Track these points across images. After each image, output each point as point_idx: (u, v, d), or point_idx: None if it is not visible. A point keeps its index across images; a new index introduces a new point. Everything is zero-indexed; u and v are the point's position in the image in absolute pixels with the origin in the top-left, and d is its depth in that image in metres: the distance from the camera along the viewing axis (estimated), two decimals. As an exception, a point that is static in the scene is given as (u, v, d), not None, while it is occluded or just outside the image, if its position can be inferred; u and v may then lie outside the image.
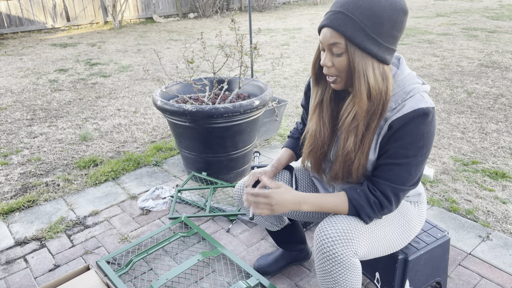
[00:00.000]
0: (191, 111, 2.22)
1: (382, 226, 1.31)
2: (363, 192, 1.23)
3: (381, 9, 1.08)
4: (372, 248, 1.28)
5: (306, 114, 1.59)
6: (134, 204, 2.40)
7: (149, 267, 1.88)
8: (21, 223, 2.24)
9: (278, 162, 1.55)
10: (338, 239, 1.19)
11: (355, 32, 1.09)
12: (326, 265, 1.21)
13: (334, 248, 1.19)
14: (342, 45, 1.12)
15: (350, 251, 1.19)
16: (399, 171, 1.19)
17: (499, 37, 7.12)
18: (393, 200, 1.22)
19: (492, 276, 1.76)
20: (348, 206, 1.24)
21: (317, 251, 1.23)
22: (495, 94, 4.20)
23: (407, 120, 1.14)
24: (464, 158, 2.85)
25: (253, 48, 2.62)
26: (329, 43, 1.13)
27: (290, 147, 1.60)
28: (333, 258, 1.19)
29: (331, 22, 1.12)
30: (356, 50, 1.11)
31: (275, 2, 13.40)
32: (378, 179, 1.22)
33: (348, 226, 1.22)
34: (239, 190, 1.61)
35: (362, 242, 1.23)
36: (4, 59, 6.53)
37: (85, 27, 9.77)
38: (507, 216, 2.18)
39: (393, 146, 1.18)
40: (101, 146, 3.22)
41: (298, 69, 5.42)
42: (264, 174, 1.48)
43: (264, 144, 3.18)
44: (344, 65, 1.15)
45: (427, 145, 1.17)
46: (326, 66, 1.17)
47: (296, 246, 1.80)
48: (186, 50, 6.85)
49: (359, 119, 1.17)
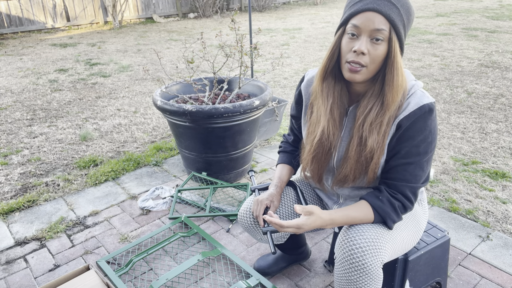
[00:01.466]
0: (191, 111, 2.22)
1: (400, 229, 1.29)
2: (386, 198, 1.20)
3: (411, 7, 1.13)
4: (393, 253, 1.26)
5: (296, 124, 1.51)
6: (134, 204, 2.40)
7: (149, 267, 1.88)
8: (21, 223, 2.24)
9: (280, 180, 1.47)
10: (367, 248, 1.16)
11: (399, 22, 1.09)
12: (352, 274, 1.18)
13: (364, 258, 1.15)
14: (386, 32, 1.08)
15: (378, 261, 1.16)
16: (414, 169, 1.18)
17: (499, 37, 7.11)
18: (413, 200, 1.22)
19: (492, 276, 1.76)
20: (374, 215, 1.21)
21: (344, 260, 1.19)
22: (495, 94, 4.20)
23: (415, 118, 1.13)
24: (464, 158, 2.85)
25: (253, 48, 2.62)
26: (374, 27, 1.08)
27: (286, 162, 1.52)
28: (361, 268, 1.16)
29: (379, 6, 1.07)
30: (396, 40, 1.10)
31: (275, 2, 13.40)
32: (395, 182, 1.20)
33: (376, 235, 1.19)
34: (245, 217, 1.50)
35: (388, 249, 1.20)
36: (4, 59, 6.53)
37: (85, 27, 9.77)
38: (507, 216, 2.18)
39: (405, 145, 1.16)
40: (101, 146, 3.22)
41: (298, 69, 5.42)
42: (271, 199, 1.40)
43: (264, 144, 3.18)
44: (381, 54, 1.10)
45: (434, 139, 1.18)
46: (362, 53, 1.09)
47: (296, 250, 1.80)
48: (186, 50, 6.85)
49: (387, 114, 1.14)
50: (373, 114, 1.15)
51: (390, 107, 1.13)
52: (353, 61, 1.11)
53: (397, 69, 1.10)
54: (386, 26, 1.08)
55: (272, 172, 2.73)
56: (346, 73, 1.14)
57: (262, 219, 1.35)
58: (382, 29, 1.07)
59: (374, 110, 1.15)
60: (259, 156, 2.98)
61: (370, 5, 1.08)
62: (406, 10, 1.10)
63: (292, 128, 1.55)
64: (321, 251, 1.94)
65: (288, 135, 1.59)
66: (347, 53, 1.13)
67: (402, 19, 1.09)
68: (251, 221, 1.48)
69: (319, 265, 1.85)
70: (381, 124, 1.15)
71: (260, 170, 2.76)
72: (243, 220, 1.51)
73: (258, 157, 2.95)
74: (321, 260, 1.89)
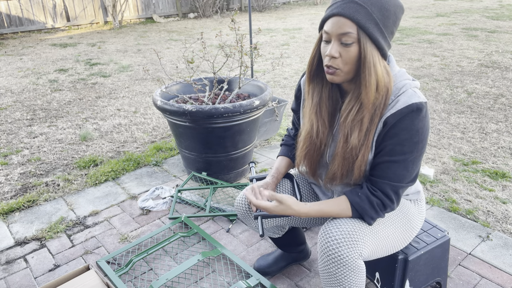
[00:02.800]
0: (191, 111, 2.22)
1: (385, 226, 1.30)
2: (365, 195, 1.22)
3: (388, 3, 1.10)
4: (376, 248, 1.27)
5: (297, 118, 1.54)
6: (134, 204, 2.40)
7: (149, 267, 1.88)
8: (21, 223, 2.24)
9: (277, 171, 1.51)
10: (343, 240, 1.18)
11: (367, 22, 1.09)
12: (331, 267, 1.20)
13: (339, 250, 1.18)
14: (354, 35, 1.09)
15: (355, 253, 1.18)
16: (397, 168, 1.19)
17: (499, 37, 7.12)
18: (394, 198, 1.22)
19: (492, 276, 1.76)
20: (351, 211, 1.23)
21: (322, 253, 1.22)
22: (495, 94, 4.20)
23: (401, 116, 1.14)
24: (464, 158, 2.85)
25: (253, 48, 2.62)
26: (340, 32, 1.10)
27: (286, 154, 1.56)
28: (338, 260, 1.18)
29: (343, 10, 1.09)
30: (367, 40, 1.10)
31: (275, 2, 13.40)
32: (377, 179, 1.22)
33: (353, 228, 1.21)
34: (241, 204, 1.55)
35: (366, 243, 1.22)
36: (4, 59, 6.53)
37: (85, 27, 9.77)
38: (507, 216, 2.18)
39: (389, 143, 1.17)
40: (101, 146, 3.22)
41: (298, 69, 5.42)
42: (266, 187, 1.45)
43: (264, 144, 3.18)
44: (353, 56, 1.12)
45: (422, 140, 1.17)
46: (333, 57, 1.13)
47: (296, 248, 1.80)
48: (186, 50, 6.85)
49: (365, 112, 1.16)
50: (353, 112, 1.18)
51: (367, 106, 1.15)
52: (327, 65, 1.16)
53: (369, 68, 1.11)
54: (352, 29, 1.09)
55: (272, 172, 2.73)
56: (327, 76, 1.19)
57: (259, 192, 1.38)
58: (348, 32, 1.10)
59: (354, 108, 1.18)
60: (259, 156, 2.98)
61: (335, 10, 1.11)
62: (379, 7, 1.09)
63: (294, 122, 1.59)
64: (321, 251, 1.94)
65: (291, 129, 1.63)
66: (324, 57, 1.18)
67: (373, 18, 1.09)
68: (246, 207, 1.53)
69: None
70: (361, 122, 1.17)
71: (260, 170, 2.76)
72: (238, 207, 1.56)
73: (258, 157, 2.95)
74: (321, 260, 1.89)
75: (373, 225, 1.27)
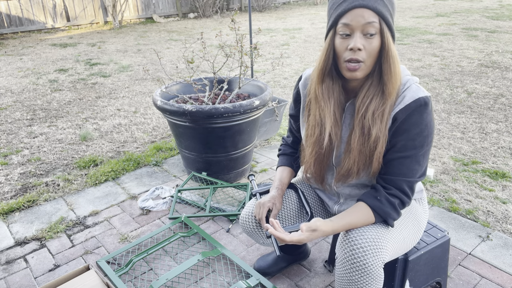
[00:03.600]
0: (191, 111, 2.22)
1: (401, 228, 1.29)
2: (384, 198, 1.20)
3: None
4: (394, 252, 1.26)
5: (295, 124, 1.50)
6: (134, 204, 2.40)
7: (149, 267, 1.88)
8: (21, 223, 2.24)
9: (281, 183, 1.47)
10: (369, 249, 1.16)
11: (386, 13, 1.11)
12: (353, 275, 1.18)
13: (365, 259, 1.16)
14: (377, 24, 1.10)
15: (380, 261, 1.17)
16: (410, 163, 1.18)
17: (499, 37, 7.11)
18: (410, 194, 1.22)
19: (492, 276, 1.76)
20: (374, 217, 1.21)
21: (345, 261, 1.19)
22: (495, 94, 4.20)
23: (410, 111, 1.14)
24: (464, 158, 2.85)
25: (253, 48, 2.62)
26: (365, 22, 1.10)
27: (286, 164, 1.52)
28: (363, 268, 1.16)
29: (365, 1, 1.10)
30: (387, 31, 1.12)
31: (275, 2, 13.39)
32: (391, 176, 1.20)
33: (377, 235, 1.19)
34: (247, 221, 1.50)
35: (389, 249, 1.21)
36: (4, 59, 6.53)
37: (85, 27, 9.77)
38: (507, 216, 2.18)
39: (400, 139, 1.17)
40: (101, 146, 3.22)
41: (298, 69, 5.42)
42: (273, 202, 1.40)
43: (264, 144, 3.18)
44: (376, 47, 1.12)
45: (431, 133, 1.18)
46: (359, 49, 1.11)
47: (296, 250, 1.80)
48: (186, 50, 6.85)
49: (387, 103, 1.16)
50: (375, 103, 1.17)
51: (392, 94, 1.15)
52: (351, 59, 1.12)
53: (393, 57, 1.13)
54: (376, 18, 1.10)
55: (272, 172, 2.73)
56: (347, 73, 1.15)
57: (265, 221, 1.36)
58: (373, 21, 1.10)
59: (375, 100, 1.17)
60: (259, 156, 2.98)
61: (356, 2, 1.10)
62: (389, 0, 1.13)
63: (291, 129, 1.54)
64: (321, 251, 1.94)
65: (288, 137, 1.58)
66: (343, 52, 1.14)
67: (388, 9, 1.12)
68: (254, 225, 1.48)
69: (319, 265, 1.86)
70: (383, 113, 1.17)
71: (260, 170, 2.76)
72: (245, 224, 1.50)
73: (258, 157, 2.95)
74: (321, 260, 1.89)
75: (393, 230, 1.25)
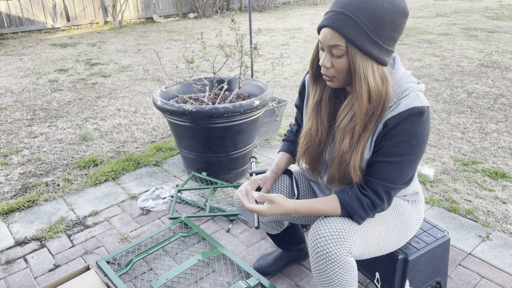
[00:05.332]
0: (191, 111, 2.22)
1: (378, 225, 1.30)
2: (355, 194, 1.22)
3: (384, 11, 1.06)
4: (367, 247, 1.27)
5: (300, 114, 1.56)
6: (134, 204, 2.40)
7: (149, 267, 1.88)
8: (21, 223, 2.24)
9: (277, 167, 1.53)
10: (331, 238, 1.20)
11: (356, 35, 1.07)
12: (320, 264, 1.22)
13: (328, 247, 1.19)
14: (343, 47, 1.09)
15: (344, 250, 1.19)
16: (392, 169, 1.18)
17: (499, 37, 7.12)
18: (385, 199, 1.22)
19: (492, 276, 1.76)
20: (341, 210, 1.24)
21: (312, 251, 1.24)
22: (495, 94, 4.20)
23: (402, 119, 1.13)
24: (464, 158, 2.85)
25: (253, 48, 2.62)
26: (329, 44, 1.11)
27: (286, 150, 1.58)
28: (327, 257, 1.20)
29: (332, 23, 1.09)
30: (357, 52, 1.09)
31: (275, 2, 13.40)
32: (370, 178, 1.22)
33: (342, 226, 1.22)
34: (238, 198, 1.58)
35: (356, 241, 1.23)
36: (4, 59, 6.53)
37: (85, 27, 9.77)
38: (507, 216, 2.18)
39: (387, 144, 1.17)
40: (101, 146, 3.22)
41: (298, 69, 5.42)
42: (265, 181, 1.47)
43: (264, 144, 3.18)
44: (344, 67, 1.13)
45: (420, 144, 1.17)
46: (325, 67, 1.16)
47: (295, 246, 1.80)
48: (186, 50, 6.85)
49: (357, 121, 1.17)
50: (346, 120, 1.19)
51: (360, 115, 1.15)
52: (324, 73, 1.18)
53: (360, 80, 1.11)
54: (341, 41, 1.09)
55: (272, 172, 2.74)
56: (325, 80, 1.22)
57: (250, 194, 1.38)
58: (337, 45, 1.10)
59: (348, 116, 1.19)
60: (259, 156, 2.98)
61: (325, 22, 1.11)
62: (371, 18, 1.06)
63: (297, 118, 1.60)
64: (321, 251, 1.94)
65: (294, 124, 1.63)
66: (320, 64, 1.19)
67: (363, 30, 1.07)
68: None
69: (319, 265, 1.86)
70: (353, 130, 1.18)
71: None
72: (237, 200, 1.58)
73: (258, 157, 2.95)
74: (321, 260, 1.89)
75: (364, 224, 1.27)
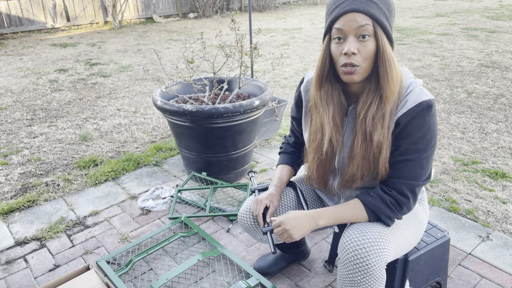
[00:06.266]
0: (191, 111, 2.22)
1: (403, 228, 1.29)
2: (377, 194, 1.20)
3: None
4: (396, 252, 1.25)
5: (297, 125, 1.51)
6: (134, 204, 2.40)
7: (149, 267, 1.88)
8: (21, 223, 2.24)
9: (280, 181, 1.47)
10: (371, 249, 1.15)
11: (380, 16, 1.11)
12: (356, 275, 1.17)
13: (368, 259, 1.15)
14: (370, 27, 1.10)
15: (383, 261, 1.16)
16: (412, 167, 1.18)
17: (499, 37, 7.11)
18: (411, 197, 1.20)
19: (492, 276, 1.76)
20: (366, 212, 1.21)
21: (348, 262, 1.18)
22: (495, 94, 4.20)
23: (413, 114, 1.14)
24: (464, 158, 2.85)
25: (253, 48, 2.62)
26: (357, 25, 1.10)
27: (286, 163, 1.52)
28: (365, 269, 1.15)
29: (356, 6, 1.10)
30: (382, 33, 1.11)
31: (275, 2, 13.39)
32: (392, 179, 1.20)
33: (379, 234, 1.18)
34: (245, 217, 1.50)
35: (391, 249, 1.20)
36: (4, 59, 6.53)
37: (85, 27, 9.77)
38: (507, 216, 2.18)
39: (403, 142, 1.17)
40: (101, 146, 3.22)
41: (298, 69, 5.42)
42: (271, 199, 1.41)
43: (264, 144, 3.18)
44: (371, 50, 1.11)
45: (434, 137, 1.17)
46: (352, 53, 1.11)
47: (297, 249, 1.80)
48: (186, 50, 6.85)
49: (387, 106, 1.14)
50: (374, 108, 1.16)
51: (389, 98, 1.14)
52: (346, 63, 1.12)
53: (389, 60, 1.12)
54: (369, 21, 1.10)
55: (272, 172, 2.74)
56: (344, 77, 1.15)
57: (261, 218, 1.36)
58: (366, 24, 1.10)
59: (374, 104, 1.16)
60: (259, 156, 2.98)
61: (348, 7, 1.11)
62: (385, 3, 1.12)
63: (293, 130, 1.55)
64: (321, 251, 1.94)
65: (289, 136, 1.59)
66: (338, 57, 1.15)
67: (383, 12, 1.11)
68: (251, 221, 1.48)
69: (319, 265, 1.86)
70: (383, 117, 1.15)
71: (260, 170, 2.76)
72: (243, 220, 1.51)
73: (258, 157, 2.95)
74: (321, 260, 1.89)
75: (394, 229, 1.24)
